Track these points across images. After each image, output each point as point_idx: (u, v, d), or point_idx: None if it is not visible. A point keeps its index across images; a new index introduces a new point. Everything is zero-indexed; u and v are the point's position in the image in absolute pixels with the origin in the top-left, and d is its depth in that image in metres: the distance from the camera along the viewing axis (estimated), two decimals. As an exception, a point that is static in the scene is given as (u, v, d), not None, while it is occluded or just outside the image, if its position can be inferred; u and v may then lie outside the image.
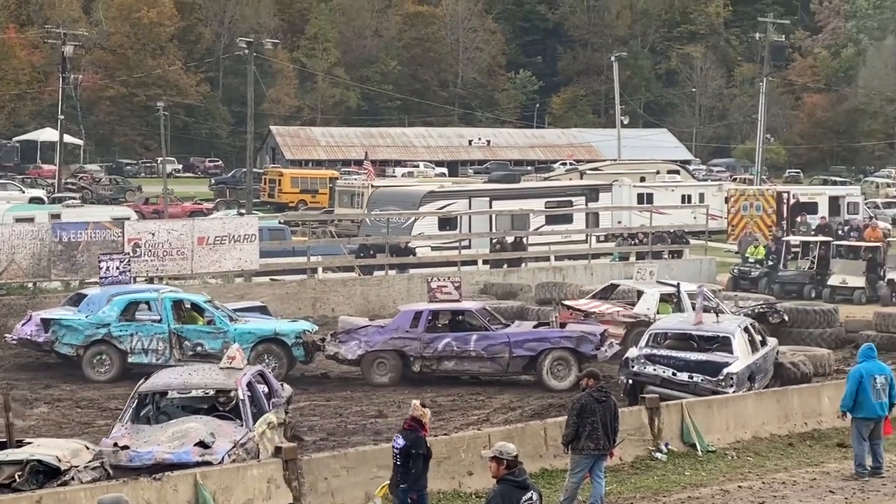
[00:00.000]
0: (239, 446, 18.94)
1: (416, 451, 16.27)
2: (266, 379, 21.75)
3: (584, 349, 28.94)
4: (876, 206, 75.18)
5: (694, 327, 27.05)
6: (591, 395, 18.39)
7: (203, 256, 38.06)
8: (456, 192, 54.88)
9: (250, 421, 19.65)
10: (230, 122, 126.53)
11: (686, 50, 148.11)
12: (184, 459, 18.46)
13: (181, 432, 19.17)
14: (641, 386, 25.85)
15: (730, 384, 25.19)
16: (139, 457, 18.66)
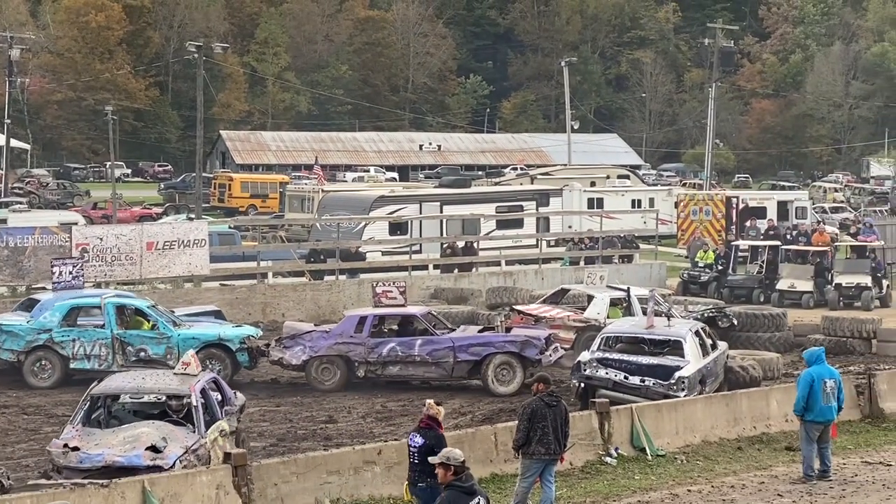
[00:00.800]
0: (190, 452, 18.78)
1: (437, 449, 15.80)
2: (220, 386, 21.51)
3: (528, 353, 28.93)
4: (823, 211, 75.66)
5: (646, 331, 27.17)
6: (542, 399, 18.39)
7: (152, 261, 37.83)
8: (406, 197, 54.80)
9: (202, 427, 19.47)
10: (180, 126, 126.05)
11: (636, 55, 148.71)
12: (134, 463, 18.30)
13: (133, 436, 18.96)
14: (593, 389, 25.89)
15: (681, 388, 25.33)
16: (89, 458, 18.44)
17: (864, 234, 50.37)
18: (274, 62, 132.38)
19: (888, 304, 42.74)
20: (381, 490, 19.11)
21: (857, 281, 42.72)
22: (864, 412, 25.74)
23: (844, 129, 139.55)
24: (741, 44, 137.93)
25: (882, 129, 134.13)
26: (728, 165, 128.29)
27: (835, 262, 44.91)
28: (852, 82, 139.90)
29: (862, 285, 42.48)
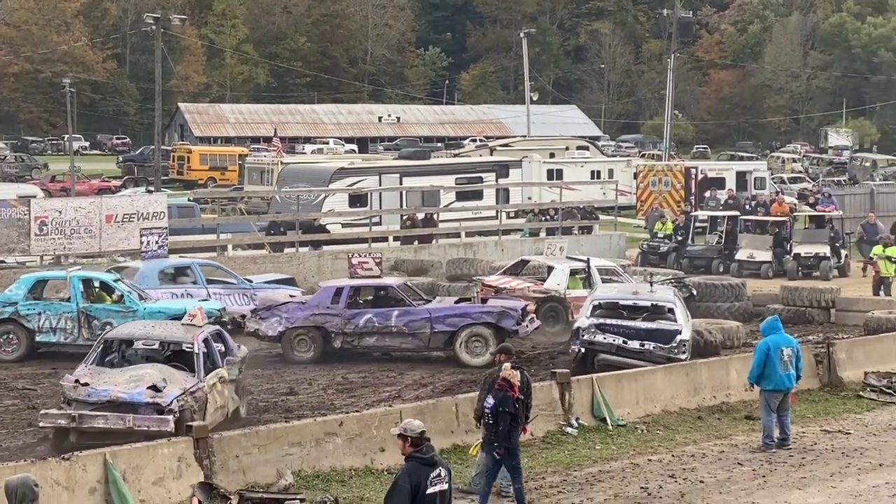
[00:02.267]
0: (188, 394, 20.61)
1: (504, 410, 17.25)
2: (223, 338, 23.38)
3: (505, 324, 28.94)
4: (782, 181, 75.96)
5: (636, 297, 27.89)
6: None
7: (111, 234, 37.61)
8: (366, 169, 54.67)
9: (202, 373, 21.42)
10: (138, 99, 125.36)
11: (594, 26, 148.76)
12: (136, 399, 20.30)
13: (137, 376, 20.99)
14: (593, 355, 26.47)
15: (683, 350, 26.07)
16: (96, 393, 20.44)
17: (822, 204, 50.55)
18: (232, 34, 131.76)
19: (846, 273, 42.97)
20: (342, 461, 19.12)
21: (815, 251, 42.91)
22: (823, 381, 25.92)
23: (802, 99, 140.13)
24: (699, 14, 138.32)
25: (840, 100, 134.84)
26: (687, 136, 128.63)
27: (793, 233, 45.08)
28: (810, 53, 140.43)
29: (820, 255, 42.67)
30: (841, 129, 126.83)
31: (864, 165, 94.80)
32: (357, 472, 19.05)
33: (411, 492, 12.13)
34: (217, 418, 21.50)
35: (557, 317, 32.85)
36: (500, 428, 17.28)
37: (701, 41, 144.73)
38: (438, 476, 12.33)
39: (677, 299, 28.18)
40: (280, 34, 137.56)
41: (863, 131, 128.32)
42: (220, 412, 21.79)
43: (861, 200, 53.90)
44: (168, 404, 20.20)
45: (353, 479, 18.84)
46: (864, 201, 53.64)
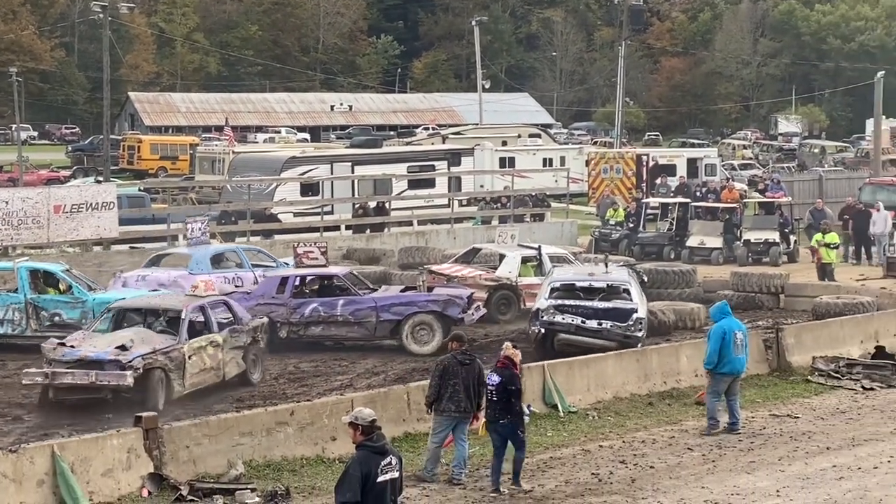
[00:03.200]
0: (160, 353, 22.81)
1: (512, 387, 18.02)
2: (230, 308, 25.77)
3: (450, 312, 28.95)
4: (733, 168, 76.37)
5: (593, 278, 28.69)
6: (455, 357, 18.54)
7: (60, 225, 37.34)
8: (318, 158, 54.53)
9: (184, 336, 23.55)
10: (87, 88, 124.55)
11: (546, 14, 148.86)
12: (101, 357, 22.42)
13: (116, 339, 23.10)
14: (553, 335, 27.11)
15: (639, 328, 26.90)
16: (70, 353, 22.74)
17: (772, 191, 50.80)
18: (182, 23, 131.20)
19: (796, 259, 43.17)
20: (293, 451, 19.10)
21: (765, 237, 43.10)
22: (772, 366, 26.10)
23: (753, 86, 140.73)
24: (650, 2, 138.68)
25: (789, 87, 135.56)
26: (638, 123, 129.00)
27: (743, 219, 45.32)
28: (760, 40, 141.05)
29: (770, 241, 42.87)
30: (790, 116, 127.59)
31: (814, 152, 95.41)
32: (308, 461, 19.04)
33: (362, 480, 12.12)
34: (206, 379, 23.97)
35: (509, 304, 32.95)
36: (510, 404, 17.98)
37: (652, 29, 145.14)
38: (389, 464, 12.33)
39: (632, 279, 28.93)
40: (231, 22, 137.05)
41: (812, 118, 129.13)
42: (210, 374, 24.08)
43: (810, 187, 54.20)
44: (129, 361, 22.15)
45: (304, 468, 18.83)
46: (812, 188, 53.93)
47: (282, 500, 17.34)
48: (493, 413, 18.10)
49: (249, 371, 25.33)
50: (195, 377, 23.61)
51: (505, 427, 18.07)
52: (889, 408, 23.63)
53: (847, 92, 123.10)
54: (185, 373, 23.25)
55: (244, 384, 25.09)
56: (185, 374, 23.25)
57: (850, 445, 20.72)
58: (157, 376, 22.64)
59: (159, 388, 22.76)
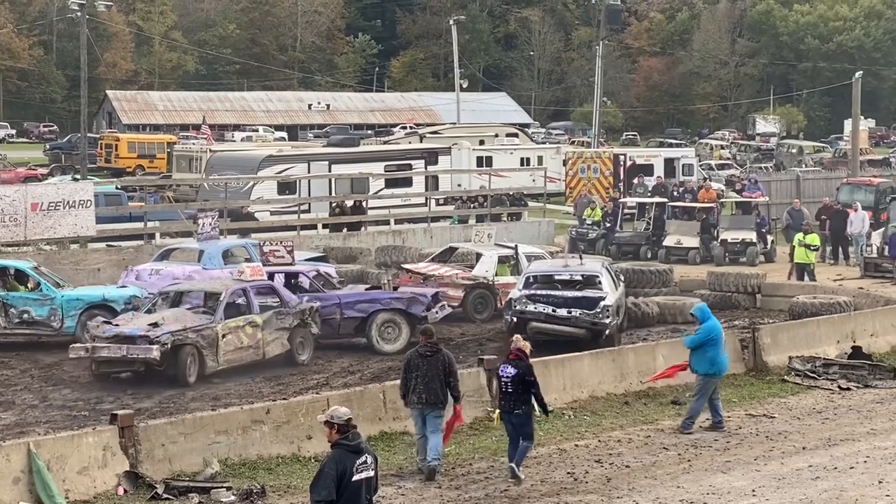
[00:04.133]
0: (191, 330, 25.11)
1: (530, 378, 18.63)
2: (277, 293, 27.90)
3: (414, 310, 29.08)
4: (710, 168, 76.51)
5: (566, 269, 30.25)
6: (417, 350, 19.04)
7: (37, 223, 37.25)
8: (295, 157, 54.44)
9: (220, 316, 25.77)
10: (65, 86, 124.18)
11: (524, 14, 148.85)
12: (135, 332, 24.74)
13: (153, 318, 25.53)
14: (525, 323, 28.22)
15: (606, 315, 28.06)
16: (110, 330, 25.13)
17: (749, 191, 50.89)
18: (160, 21, 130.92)
19: (773, 259, 43.30)
20: (269, 449, 19.09)
21: (742, 237, 43.21)
22: (749, 365, 26.15)
23: (730, 86, 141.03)
24: (628, 2, 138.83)
25: (767, 87, 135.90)
26: (616, 123, 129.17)
27: (720, 219, 45.39)
28: (738, 40, 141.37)
29: (747, 241, 42.98)
30: (768, 116, 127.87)
31: (791, 152, 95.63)
32: (284, 460, 19.04)
33: (337, 478, 12.12)
34: (244, 356, 26.18)
35: (486, 303, 33.00)
36: (525, 394, 18.54)
37: (630, 28, 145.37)
38: (364, 463, 12.33)
39: (605, 270, 30.07)
40: (209, 21, 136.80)
41: (790, 118, 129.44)
42: (248, 352, 26.26)
43: (787, 187, 54.34)
44: (157, 336, 24.53)
45: (280, 466, 18.83)
46: (790, 187, 54.08)
47: (257, 499, 17.33)
48: (508, 404, 18.62)
49: (296, 352, 27.33)
50: (230, 354, 25.87)
51: (519, 417, 18.58)
52: (865, 408, 23.71)
53: (825, 92, 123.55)
54: (218, 350, 25.51)
55: (290, 363, 27.11)
56: (218, 351, 25.52)
57: (826, 445, 20.78)
58: (187, 352, 24.99)
59: (189, 363, 25.08)
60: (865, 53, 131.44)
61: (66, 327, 28.86)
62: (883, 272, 38.66)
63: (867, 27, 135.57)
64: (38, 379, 26.11)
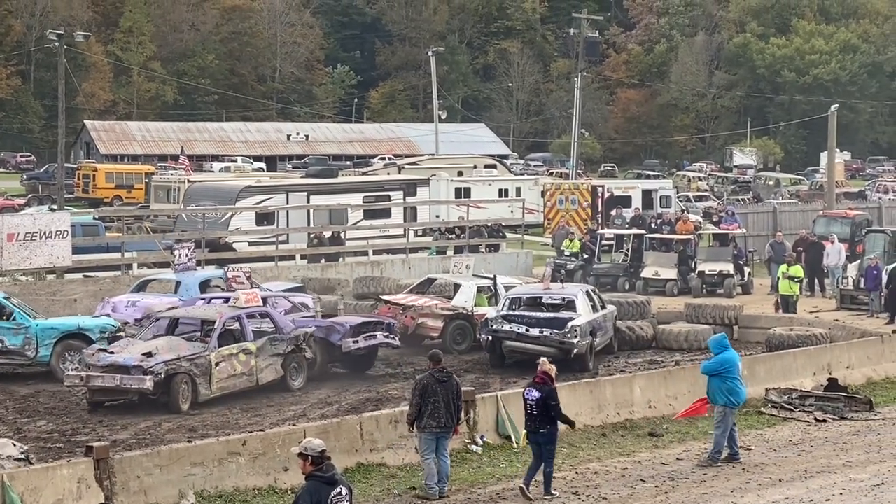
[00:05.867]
0: (185, 359, 25.45)
1: (553, 402, 19.42)
2: (272, 319, 28.25)
3: (332, 339, 29.35)
4: (688, 200, 76.70)
5: (544, 292, 31.88)
6: (433, 375, 19.42)
7: (13, 253, 37.18)
8: (273, 187, 54.48)
9: (215, 344, 26.13)
10: (43, 116, 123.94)
11: (503, 45, 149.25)
12: (128, 363, 25.09)
13: (147, 347, 25.76)
14: (500, 342, 30.22)
15: (574, 335, 29.59)
16: (105, 359, 25.38)
17: (726, 223, 51.06)
18: (139, 51, 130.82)
19: (750, 290, 43.44)
20: (245, 481, 19.01)
21: (719, 268, 43.36)
22: (725, 397, 26.11)
23: (708, 118, 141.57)
24: (606, 34, 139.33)
25: (744, 119, 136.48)
26: (594, 155, 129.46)
27: (698, 250, 45.50)
28: (715, 72, 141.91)
29: (724, 273, 43.12)
30: (745, 149, 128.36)
31: (768, 184, 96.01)
32: (261, 492, 18.97)
33: (312, 511, 12.10)
34: (237, 384, 26.51)
35: (465, 334, 33.03)
36: (552, 414, 19.38)
37: (608, 60, 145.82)
38: (339, 495, 12.31)
39: (581, 293, 31.71)
40: (188, 51, 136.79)
41: (767, 150, 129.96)
42: (241, 379, 26.59)
43: (764, 219, 54.54)
44: (151, 367, 24.89)
45: (256, 498, 18.76)
46: (766, 219, 54.28)
47: (233, 531, 17.26)
48: (533, 425, 19.42)
49: (290, 378, 27.79)
50: (223, 382, 26.25)
51: (544, 436, 19.35)
52: (841, 440, 23.76)
53: (801, 125, 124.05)
54: (211, 378, 25.89)
55: (284, 389, 27.51)
56: (211, 379, 25.90)
57: (803, 477, 20.80)
58: (180, 380, 25.36)
59: (183, 391, 25.45)
60: (841, 87, 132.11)
61: (41, 356, 28.74)
62: (859, 304, 38.84)
63: (843, 61, 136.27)
64: (12, 410, 25.98)
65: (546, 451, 19.37)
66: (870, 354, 30.01)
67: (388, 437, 20.92)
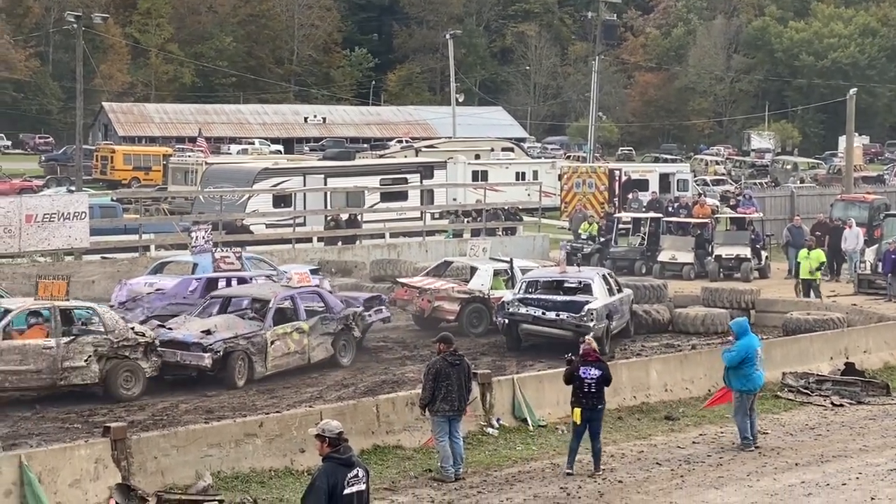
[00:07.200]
0: (242, 337, 26.27)
1: (610, 377, 20.07)
2: (323, 298, 29.08)
3: None
4: (705, 183, 76.56)
5: (560, 275, 31.94)
6: (446, 359, 19.44)
7: (31, 234, 37.31)
8: (290, 170, 54.50)
9: (270, 322, 27.00)
10: (61, 97, 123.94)
11: (520, 28, 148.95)
12: (188, 339, 25.90)
13: (205, 324, 26.55)
14: (516, 325, 30.28)
15: (591, 319, 29.40)
16: (165, 334, 26.11)
17: (743, 206, 50.96)
18: (157, 33, 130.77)
19: (767, 275, 43.38)
20: (262, 462, 19.07)
21: (736, 252, 43.27)
22: (742, 381, 26.10)
23: (726, 102, 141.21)
24: (624, 17, 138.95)
25: (762, 103, 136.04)
26: (612, 138, 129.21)
27: (715, 234, 45.39)
28: (734, 56, 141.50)
29: (741, 257, 43.04)
30: (763, 132, 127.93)
31: (786, 168, 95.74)
32: (277, 473, 19.02)
33: (328, 492, 12.14)
34: (290, 361, 27.28)
35: (481, 317, 33.01)
36: (603, 393, 19.84)
37: (626, 44, 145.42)
38: (356, 476, 12.34)
39: (597, 277, 31.68)
40: (206, 34, 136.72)
41: (784, 134, 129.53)
42: (294, 357, 27.37)
43: (782, 202, 54.44)
44: (210, 344, 25.63)
45: (272, 479, 18.81)
46: (784, 203, 54.16)
47: (250, 512, 17.32)
48: (590, 402, 19.68)
49: (339, 355, 28.54)
50: (278, 360, 27.03)
51: (600, 412, 19.87)
52: (858, 424, 23.73)
53: (820, 108, 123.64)
54: (266, 356, 26.67)
55: (333, 367, 28.21)
56: (266, 357, 26.67)
57: (819, 462, 20.79)
58: (237, 358, 26.13)
59: (238, 368, 26.19)
60: (860, 70, 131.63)
61: None
62: (876, 289, 38.76)
63: (862, 44, 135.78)
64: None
65: (596, 428, 19.73)
66: (887, 339, 29.95)
67: (404, 420, 20.96)
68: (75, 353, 24.50)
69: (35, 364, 24.13)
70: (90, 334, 24.98)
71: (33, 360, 24.09)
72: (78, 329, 25.25)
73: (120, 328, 25.32)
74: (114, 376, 24.89)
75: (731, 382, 21.79)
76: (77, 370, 24.54)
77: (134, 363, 25.14)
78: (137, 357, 25.20)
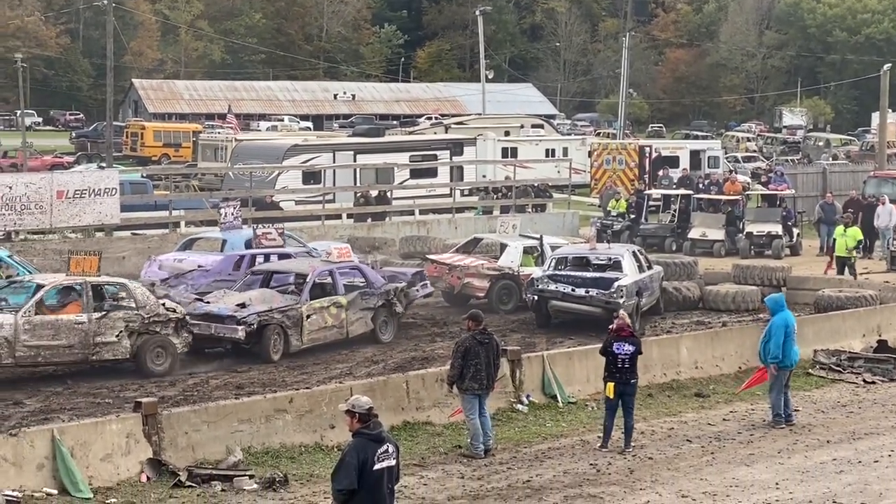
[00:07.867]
0: (277, 311, 26.42)
1: (640, 353, 20.20)
2: (363, 273, 29.24)
3: None
4: (736, 160, 76.21)
5: (590, 251, 31.98)
6: (475, 337, 19.43)
7: (62, 210, 37.42)
8: (320, 146, 54.52)
9: (306, 296, 27.12)
10: (91, 74, 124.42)
11: (550, 4, 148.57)
12: (223, 312, 26.17)
13: (241, 298, 26.76)
14: (546, 301, 30.18)
15: (620, 296, 29.26)
16: (200, 307, 26.55)
17: (775, 183, 50.65)
18: (186, 10, 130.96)
19: (798, 252, 43.17)
20: (292, 438, 19.10)
21: (767, 229, 43.05)
22: (773, 358, 26.01)
23: (758, 78, 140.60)
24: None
25: (794, 79, 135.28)
26: (642, 115, 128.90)
27: (746, 211, 45.20)
28: (766, 32, 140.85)
29: (773, 234, 42.82)
30: (795, 109, 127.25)
31: (818, 145, 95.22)
32: (307, 449, 19.05)
33: (358, 467, 12.14)
34: (327, 336, 27.45)
35: (510, 294, 32.94)
36: (635, 368, 19.93)
37: (657, 20, 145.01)
38: (386, 452, 12.34)
39: (627, 254, 31.56)
40: (235, 10, 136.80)
41: (817, 111, 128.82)
42: (332, 331, 27.55)
43: (813, 179, 54.11)
44: (244, 317, 25.89)
45: (302, 455, 18.84)
46: (816, 180, 53.86)
47: (280, 487, 17.34)
48: (624, 376, 19.77)
49: (379, 331, 28.63)
50: (314, 334, 27.21)
51: (634, 387, 19.99)
52: (890, 402, 23.65)
53: (852, 85, 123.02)
54: (302, 329, 26.83)
55: (373, 342, 28.31)
56: (302, 330, 26.83)
57: (851, 439, 20.72)
58: (272, 331, 26.31)
59: (274, 342, 26.41)
60: (894, 46, 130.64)
61: None
62: (909, 266, 38.54)
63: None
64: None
65: (629, 403, 19.82)
66: (919, 316, 29.78)
67: (434, 396, 20.96)
68: (107, 329, 24.52)
69: (67, 339, 24.16)
70: (121, 310, 24.98)
71: (65, 336, 24.12)
72: (109, 304, 25.24)
73: (151, 304, 25.32)
74: (144, 352, 24.88)
75: (766, 359, 21.62)
76: (108, 345, 24.56)
77: (165, 339, 25.14)
78: (168, 333, 25.20)
